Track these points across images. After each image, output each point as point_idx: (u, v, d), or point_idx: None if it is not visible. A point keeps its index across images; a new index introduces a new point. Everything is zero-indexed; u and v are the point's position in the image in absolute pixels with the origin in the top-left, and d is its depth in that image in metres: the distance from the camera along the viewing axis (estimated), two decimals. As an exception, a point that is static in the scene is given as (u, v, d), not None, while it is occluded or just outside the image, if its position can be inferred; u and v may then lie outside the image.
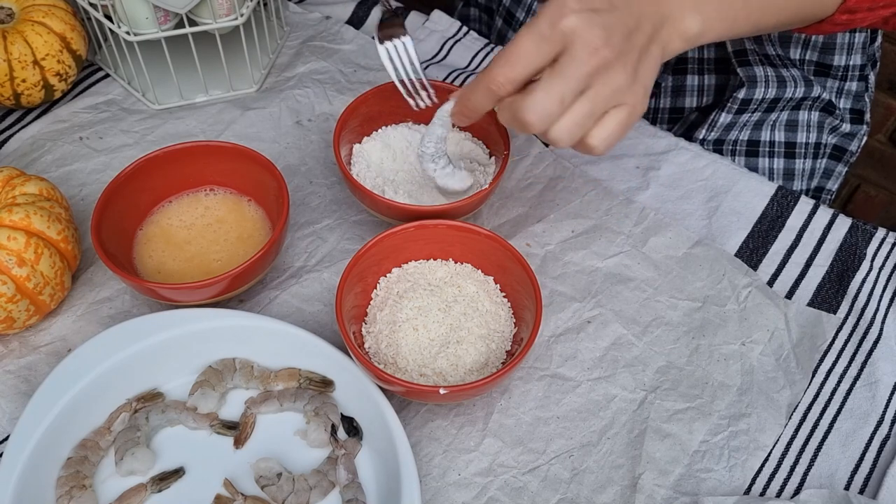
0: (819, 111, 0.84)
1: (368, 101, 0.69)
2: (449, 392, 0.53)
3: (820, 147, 0.85)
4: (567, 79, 0.49)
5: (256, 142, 0.75)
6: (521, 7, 0.91)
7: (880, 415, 0.61)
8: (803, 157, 0.85)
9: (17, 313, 0.58)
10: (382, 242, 0.61)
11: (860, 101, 0.85)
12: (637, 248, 0.69)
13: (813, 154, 0.85)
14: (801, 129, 0.84)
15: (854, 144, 0.86)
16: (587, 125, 0.50)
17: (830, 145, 0.86)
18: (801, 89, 0.80)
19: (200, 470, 0.56)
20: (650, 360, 0.63)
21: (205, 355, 0.59)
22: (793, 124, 0.84)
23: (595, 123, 0.51)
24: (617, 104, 0.51)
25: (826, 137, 0.85)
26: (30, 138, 0.75)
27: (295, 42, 0.84)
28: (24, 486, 0.52)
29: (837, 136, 0.86)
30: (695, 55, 0.82)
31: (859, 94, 0.84)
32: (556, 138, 0.51)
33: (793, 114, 0.83)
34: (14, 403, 0.59)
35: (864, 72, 0.84)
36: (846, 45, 0.81)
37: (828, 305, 0.67)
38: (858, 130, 0.86)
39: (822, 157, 0.86)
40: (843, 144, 0.86)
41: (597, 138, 0.51)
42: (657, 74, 0.53)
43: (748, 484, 0.58)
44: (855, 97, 0.84)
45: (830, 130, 0.85)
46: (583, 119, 0.50)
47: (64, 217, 0.61)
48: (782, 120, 0.83)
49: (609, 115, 0.51)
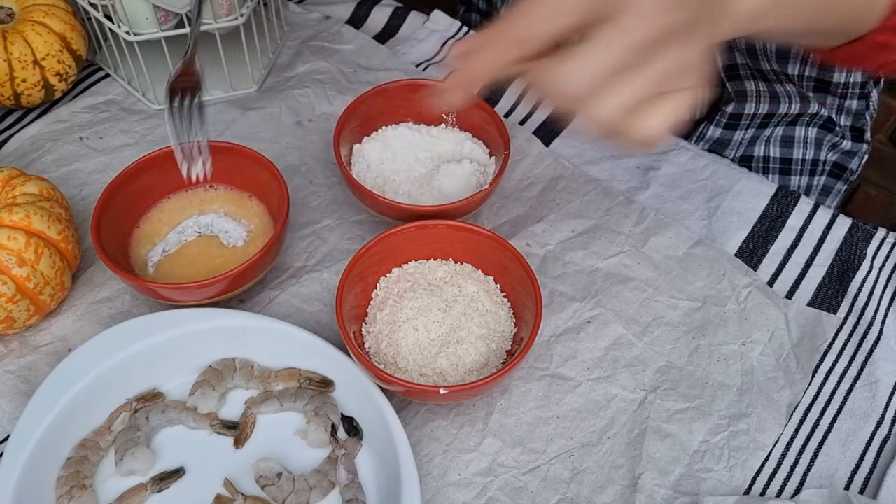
0: (818, 127, 0.82)
1: (368, 101, 0.69)
2: (449, 392, 0.53)
3: (818, 164, 0.83)
4: (615, 48, 0.38)
5: (256, 142, 0.75)
6: None
7: (880, 415, 0.61)
8: (799, 174, 0.83)
9: (17, 313, 0.58)
10: (382, 242, 0.61)
11: (860, 120, 0.83)
12: (637, 248, 0.69)
13: (810, 171, 0.83)
14: (797, 145, 0.82)
15: (854, 163, 0.84)
16: (635, 110, 0.40)
17: (830, 162, 0.84)
18: (796, 105, 0.78)
19: (200, 470, 0.56)
20: (650, 360, 0.63)
21: (205, 355, 0.59)
22: (789, 140, 0.82)
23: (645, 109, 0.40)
24: (673, 88, 0.40)
25: (825, 154, 0.83)
26: (30, 138, 0.75)
27: (295, 42, 0.84)
28: (25, 486, 0.52)
29: (838, 153, 0.84)
30: None
31: (860, 113, 0.82)
32: (594, 121, 0.40)
33: (788, 129, 0.82)
34: (14, 403, 0.59)
35: (864, 90, 0.82)
36: None
37: (828, 305, 0.67)
38: (859, 149, 0.84)
39: (820, 174, 0.84)
40: (843, 162, 0.84)
41: (649, 128, 0.40)
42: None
43: (748, 484, 0.58)
44: (855, 115, 0.82)
45: (830, 147, 0.83)
46: (629, 101, 0.39)
47: (64, 217, 0.61)
48: (777, 135, 0.82)
49: (665, 101, 0.40)
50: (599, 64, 0.38)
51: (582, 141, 0.77)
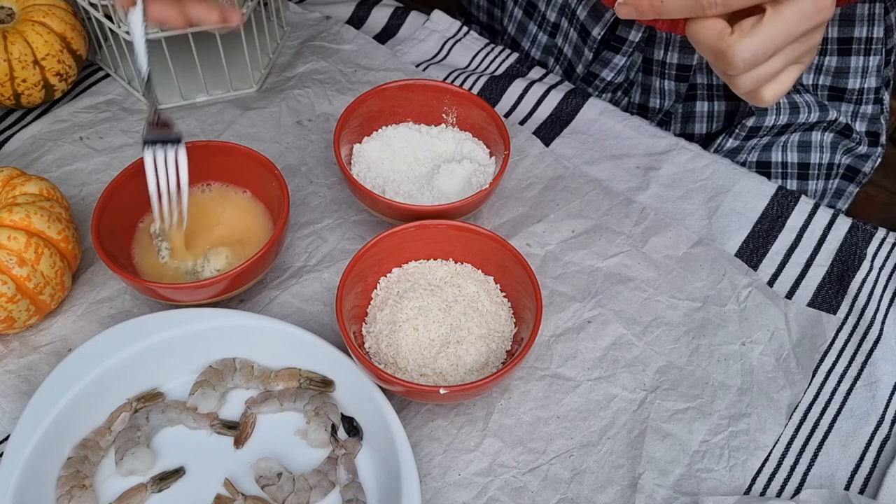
0: (835, 133, 0.82)
1: (368, 101, 0.69)
2: (449, 392, 0.53)
3: (833, 167, 0.83)
4: (788, 33, 0.46)
5: (257, 142, 0.75)
6: (526, 37, 0.90)
7: (880, 415, 0.61)
8: (816, 178, 0.83)
9: (17, 313, 0.58)
10: (382, 242, 0.61)
11: (875, 124, 0.83)
12: (637, 248, 0.69)
13: (826, 175, 0.84)
14: (814, 150, 0.82)
15: (868, 166, 0.84)
16: (772, 78, 0.49)
17: (844, 165, 0.84)
18: (815, 114, 0.79)
19: (200, 470, 0.56)
20: (650, 360, 0.63)
21: (205, 355, 0.59)
22: (805, 145, 0.82)
23: (777, 76, 0.49)
24: (797, 62, 0.49)
25: (840, 158, 0.84)
26: (30, 138, 0.75)
27: (295, 42, 0.84)
28: (25, 486, 0.52)
29: (852, 156, 0.84)
30: (704, 81, 0.82)
31: (875, 117, 0.83)
32: (740, 84, 0.48)
33: (805, 134, 0.82)
34: (14, 403, 0.59)
35: (878, 94, 0.82)
36: (860, 69, 0.79)
37: (828, 305, 0.67)
38: (874, 152, 0.84)
39: (835, 177, 0.85)
40: (856, 165, 0.84)
41: (771, 92, 0.49)
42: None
43: (748, 484, 0.58)
44: (870, 120, 0.83)
45: (845, 151, 0.83)
46: (773, 72, 0.48)
47: (64, 217, 0.61)
48: (794, 141, 0.82)
49: (788, 72, 0.49)
50: (781, 41, 0.46)
51: (582, 141, 0.77)
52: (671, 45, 0.80)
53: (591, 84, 0.85)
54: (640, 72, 0.84)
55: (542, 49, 0.89)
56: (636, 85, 0.86)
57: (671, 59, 0.81)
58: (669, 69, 0.82)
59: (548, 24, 0.87)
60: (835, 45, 0.78)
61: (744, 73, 0.48)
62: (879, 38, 0.78)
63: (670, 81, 0.83)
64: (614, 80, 0.84)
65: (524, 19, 0.90)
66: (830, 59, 0.79)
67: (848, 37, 0.77)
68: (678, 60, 0.80)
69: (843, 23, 0.77)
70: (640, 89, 0.86)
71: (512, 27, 0.91)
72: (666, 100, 0.84)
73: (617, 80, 0.84)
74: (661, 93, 0.84)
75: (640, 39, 0.80)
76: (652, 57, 0.82)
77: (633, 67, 0.84)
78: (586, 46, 0.83)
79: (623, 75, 0.84)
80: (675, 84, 0.83)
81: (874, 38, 0.77)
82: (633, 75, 0.85)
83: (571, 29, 0.84)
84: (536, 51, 0.89)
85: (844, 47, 0.78)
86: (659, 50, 0.81)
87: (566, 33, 0.85)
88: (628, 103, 0.88)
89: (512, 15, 0.91)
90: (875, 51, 0.78)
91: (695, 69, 0.81)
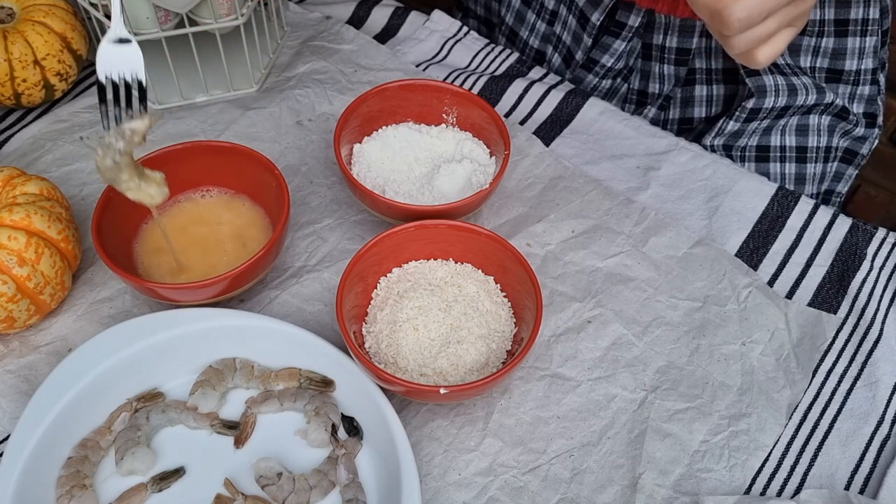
0: (832, 116, 0.83)
1: (368, 101, 0.69)
2: (449, 392, 0.53)
3: (831, 151, 0.84)
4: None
5: (257, 142, 0.75)
6: (524, 26, 0.90)
7: (880, 415, 0.61)
8: (815, 161, 0.84)
9: (17, 313, 0.59)
10: (382, 242, 0.61)
11: (873, 105, 0.84)
12: (637, 248, 0.69)
13: (824, 158, 0.84)
14: (812, 133, 0.83)
15: (865, 147, 0.85)
16: (766, 40, 0.52)
17: (842, 148, 0.85)
18: (812, 96, 0.80)
19: (201, 470, 0.56)
20: (650, 360, 0.63)
21: (205, 355, 0.59)
22: (804, 128, 0.83)
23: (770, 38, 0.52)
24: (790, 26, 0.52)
25: (837, 141, 0.84)
26: (30, 138, 0.75)
27: (295, 42, 0.84)
28: (25, 486, 0.52)
29: (849, 139, 0.85)
30: (703, 66, 0.82)
31: (872, 98, 0.84)
32: (735, 45, 0.51)
33: (803, 118, 0.83)
34: (14, 403, 0.59)
35: (875, 75, 0.83)
36: (857, 50, 0.80)
37: (828, 305, 0.67)
38: (871, 134, 0.85)
39: (833, 160, 0.85)
40: (854, 147, 0.85)
41: (765, 54, 0.52)
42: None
43: (748, 484, 0.58)
44: (868, 101, 0.83)
45: (842, 134, 0.84)
46: (767, 34, 0.51)
47: (64, 217, 0.61)
48: (792, 124, 0.83)
49: (781, 34, 0.52)
50: (773, 1, 0.49)
51: (582, 141, 0.77)
52: (670, 30, 0.80)
53: (590, 71, 0.86)
54: (639, 58, 0.85)
55: (540, 37, 0.89)
56: (635, 71, 0.86)
57: (670, 42, 0.81)
58: (669, 53, 0.82)
59: (546, 11, 0.87)
60: (831, 26, 0.78)
61: (739, 34, 0.50)
62: (875, 18, 0.78)
63: (669, 66, 0.83)
64: (614, 66, 0.84)
65: (522, 8, 0.90)
66: (827, 41, 0.80)
67: (844, 18, 0.78)
68: (677, 44, 0.81)
69: (839, 4, 0.77)
70: (639, 75, 0.86)
71: (510, 17, 0.91)
72: (665, 84, 0.85)
73: (616, 66, 0.84)
74: (661, 78, 0.84)
75: (640, 24, 0.80)
76: (651, 42, 0.82)
77: (633, 53, 0.84)
78: (585, 33, 0.83)
79: (623, 61, 0.84)
80: (675, 68, 0.83)
81: (870, 20, 0.78)
82: (632, 61, 0.85)
83: (570, 16, 0.84)
84: (535, 40, 0.89)
85: (841, 29, 0.79)
86: (658, 34, 0.81)
87: (564, 20, 0.85)
88: (628, 89, 0.88)
89: (510, 5, 0.91)
90: (871, 32, 0.79)
91: (694, 53, 0.81)
